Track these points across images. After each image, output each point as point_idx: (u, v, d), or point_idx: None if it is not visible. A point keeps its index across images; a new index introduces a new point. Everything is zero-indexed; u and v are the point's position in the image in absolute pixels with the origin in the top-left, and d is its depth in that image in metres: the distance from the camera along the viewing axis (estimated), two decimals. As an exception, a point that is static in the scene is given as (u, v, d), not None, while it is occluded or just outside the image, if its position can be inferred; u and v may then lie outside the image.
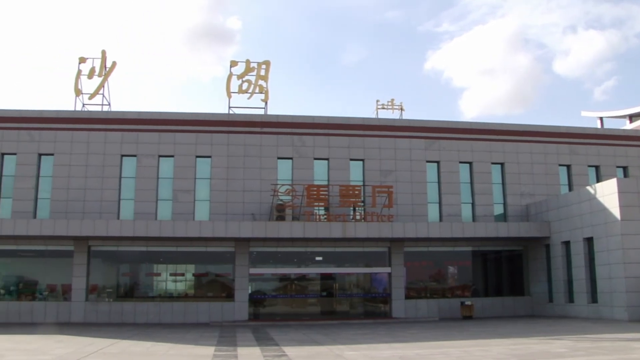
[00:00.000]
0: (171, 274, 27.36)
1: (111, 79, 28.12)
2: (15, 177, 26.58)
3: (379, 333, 19.80)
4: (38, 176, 26.75)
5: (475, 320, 25.47)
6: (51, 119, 27.06)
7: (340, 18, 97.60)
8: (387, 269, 27.21)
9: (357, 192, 26.67)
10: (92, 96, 27.77)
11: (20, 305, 25.67)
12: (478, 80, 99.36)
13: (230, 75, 28.15)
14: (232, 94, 28.02)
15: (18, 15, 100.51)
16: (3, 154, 26.81)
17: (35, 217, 26.23)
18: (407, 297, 27.14)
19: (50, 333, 19.76)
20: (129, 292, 27.03)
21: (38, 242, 25.84)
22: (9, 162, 26.78)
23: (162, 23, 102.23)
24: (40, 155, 26.90)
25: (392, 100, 29.53)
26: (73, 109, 27.64)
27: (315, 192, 26.22)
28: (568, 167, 30.07)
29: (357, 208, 26.97)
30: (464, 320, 25.63)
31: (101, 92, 27.84)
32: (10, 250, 26.31)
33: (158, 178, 26.87)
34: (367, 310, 27.79)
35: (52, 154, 26.85)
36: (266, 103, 28.22)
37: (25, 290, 26.39)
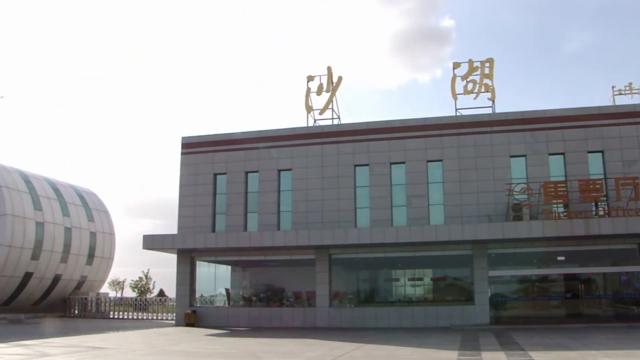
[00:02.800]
0: (409, 279, 32.20)
1: (338, 93, 34.11)
2: (259, 193, 33.39)
3: (635, 338, 20.72)
4: (279, 190, 33.27)
5: None
6: (287, 136, 33.51)
7: (557, 5, 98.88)
8: (639, 268, 29.42)
9: (598, 186, 29.15)
10: (322, 111, 33.89)
11: (270, 311, 32.14)
12: None
13: (454, 76, 32.49)
14: (457, 96, 32.36)
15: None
16: (247, 172, 33.81)
17: (279, 229, 32.62)
18: (665, 297, 28.99)
19: (299, 337, 24.21)
20: (369, 298, 32.34)
21: (283, 252, 32.05)
22: (253, 180, 33.68)
23: (373, 31, 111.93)
24: (279, 171, 33.42)
25: (630, 84, 31.80)
26: (306, 125, 33.96)
27: (552, 189, 29.25)
28: None
29: (599, 203, 29.46)
30: None
31: (330, 106, 33.87)
32: (258, 260, 33.10)
33: (391, 185, 31.90)
34: (618, 312, 29.75)
35: (290, 169, 33.22)
36: (493, 101, 32.08)
37: (273, 297, 32.92)
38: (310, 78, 34.07)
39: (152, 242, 32.43)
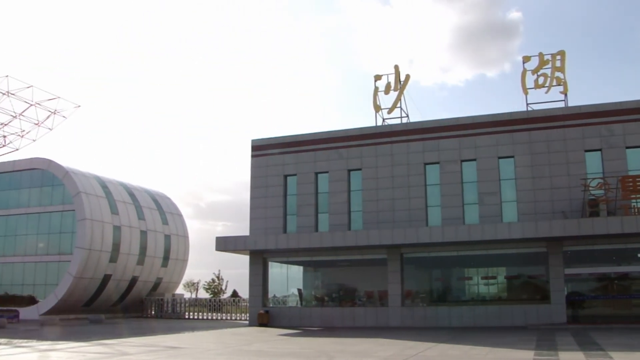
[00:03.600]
0: (482, 277, 32.64)
1: (405, 91, 34.90)
2: (329, 194, 34.52)
3: None
4: (349, 190, 34.29)
5: None
6: (356, 136, 34.52)
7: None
8: None
9: (681, 179, 28.88)
10: (390, 110, 34.80)
11: (342, 310, 33.15)
12: None
13: (524, 71, 32.72)
14: (528, 90, 32.56)
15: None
16: (317, 173, 35.01)
17: (350, 229, 33.61)
18: None
19: (371, 336, 24.81)
20: (442, 297, 32.90)
21: (354, 252, 33.02)
22: (323, 180, 34.85)
23: (438, 27, 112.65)
24: (349, 171, 34.47)
25: None
26: (374, 125, 34.90)
27: (631, 184, 28.96)
28: None
29: (682, 197, 29.20)
30: None
31: (398, 105, 34.67)
32: (330, 260, 34.23)
33: (462, 183, 32.41)
34: None
35: (359, 169, 34.21)
36: (566, 95, 32.16)
37: (345, 297, 33.95)
38: (377, 77, 35.02)
39: (225, 244, 34.06)
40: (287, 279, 35.77)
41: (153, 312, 46.06)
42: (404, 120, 35.02)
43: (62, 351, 19.14)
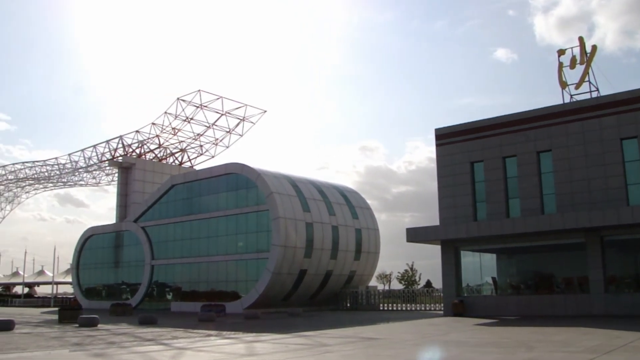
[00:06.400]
0: (698, 259, 31.19)
1: (593, 63, 34.27)
2: (518, 178, 34.89)
3: None
4: (539, 173, 34.39)
5: None
6: (542, 116, 34.53)
7: None
8: None
9: None
10: (578, 85, 34.47)
11: (540, 298, 33.33)
12: None
13: None
14: None
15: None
16: (504, 158, 35.52)
17: (542, 213, 33.71)
18: None
19: (573, 325, 24.51)
20: (650, 282, 31.94)
21: (549, 236, 33.01)
22: (510, 165, 35.28)
23: None
24: (538, 153, 34.58)
25: None
26: (562, 102, 34.68)
27: None
28: None
29: None
30: None
31: (586, 79, 34.16)
32: (524, 247, 34.56)
33: (666, 156, 31.27)
34: None
35: (549, 150, 34.20)
36: None
37: (542, 284, 34.08)
38: (561, 52, 34.86)
39: (415, 235, 35.78)
40: (480, 268, 36.61)
41: (348, 305, 49.04)
42: (594, 94, 34.40)
43: (265, 342, 20.92)
